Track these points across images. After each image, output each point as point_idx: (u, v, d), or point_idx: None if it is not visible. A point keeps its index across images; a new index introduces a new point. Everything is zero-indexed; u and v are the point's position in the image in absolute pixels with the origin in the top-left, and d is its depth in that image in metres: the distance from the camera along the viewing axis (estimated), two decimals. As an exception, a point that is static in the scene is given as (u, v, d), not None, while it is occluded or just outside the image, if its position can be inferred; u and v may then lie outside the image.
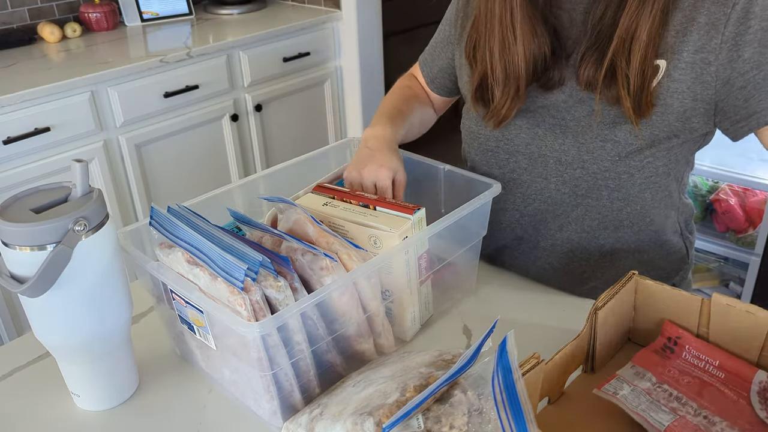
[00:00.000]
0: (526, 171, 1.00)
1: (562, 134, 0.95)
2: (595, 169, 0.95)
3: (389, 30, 2.92)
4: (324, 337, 0.78)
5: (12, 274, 0.72)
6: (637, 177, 0.94)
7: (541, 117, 0.96)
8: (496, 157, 1.02)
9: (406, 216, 0.85)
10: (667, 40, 0.86)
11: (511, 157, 1.01)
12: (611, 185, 0.95)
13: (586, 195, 0.97)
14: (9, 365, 0.91)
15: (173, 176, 2.30)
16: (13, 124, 1.88)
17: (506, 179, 1.02)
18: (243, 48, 2.34)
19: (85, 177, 0.74)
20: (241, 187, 1.00)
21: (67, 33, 2.37)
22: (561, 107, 0.94)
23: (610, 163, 0.94)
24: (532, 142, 0.98)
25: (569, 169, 0.96)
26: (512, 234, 1.06)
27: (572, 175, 0.97)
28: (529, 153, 0.99)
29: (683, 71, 0.86)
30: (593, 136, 0.93)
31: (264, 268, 0.73)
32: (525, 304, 1.00)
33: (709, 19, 0.84)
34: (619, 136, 0.92)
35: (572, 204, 0.99)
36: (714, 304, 0.78)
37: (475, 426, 0.59)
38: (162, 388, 0.87)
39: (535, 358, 0.67)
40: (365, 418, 0.61)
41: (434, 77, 1.16)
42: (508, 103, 0.95)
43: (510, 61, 0.92)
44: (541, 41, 0.91)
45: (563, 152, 0.96)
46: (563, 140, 0.95)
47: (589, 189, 0.97)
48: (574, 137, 0.94)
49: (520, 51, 0.91)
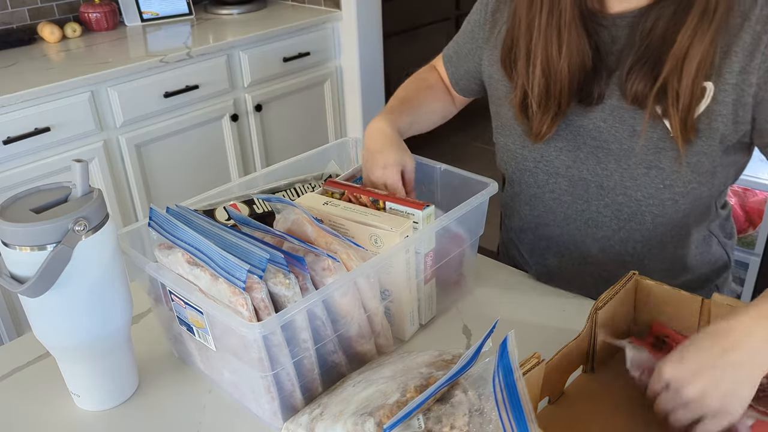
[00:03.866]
0: (566, 192, 0.98)
1: (605, 158, 0.93)
2: (639, 196, 0.92)
3: (389, 30, 2.92)
4: (330, 336, 0.78)
5: (12, 274, 0.72)
6: (682, 203, 0.92)
7: (582, 139, 0.94)
8: (535, 177, 1.00)
9: (412, 212, 0.85)
10: (715, 61, 0.83)
11: (550, 179, 0.99)
12: (655, 211, 0.93)
13: (629, 219, 0.95)
14: (9, 365, 0.91)
15: (173, 176, 2.30)
16: (13, 124, 1.87)
17: (546, 198, 1.01)
18: (243, 48, 2.34)
19: (85, 177, 0.74)
20: (241, 186, 1.00)
21: (67, 33, 2.37)
22: (601, 127, 0.92)
23: (654, 190, 0.91)
24: (573, 165, 0.96)
25: (611, 194, 0.94)
26: (555, 249, 1.05)
27: (614, 199, 0.94)
28: (570, 176, 0.97)
29: (727, 93, 0.84)
30: (637, 162, 0.90)
31: (275, 265, 0.73)
32: (525, 303, 1.00)
33: (753, 38, 0.82)
34: (663, 162, 0.89)
35: (614, 227, 0.97)
36: (714, 304, 0.78)
37: (476, 426, 0.59)
38: (162, 388, 0.87)
39: (536, 357, 0.67)
40: (366, 419, 0.61)
41: (459, 79, 1.14)
42: (549, 119, 0.92)
43: (554, 76, 0.90)
44: (585, 56, 0.88)
45: (605, 177, 0.94)
46: (606, 165, 0.93)
47: (632, 214, 0.94)
48: (617, 162, 0.92)
49: (565, 66, 0.88)
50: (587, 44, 0.88)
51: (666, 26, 0.84)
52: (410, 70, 1.24)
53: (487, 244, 1.14)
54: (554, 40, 0.88)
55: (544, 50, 0.89)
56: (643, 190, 0.92)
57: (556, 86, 0.90)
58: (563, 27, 0.87)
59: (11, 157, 1.90)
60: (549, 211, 1.02)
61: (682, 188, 0.90)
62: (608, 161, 0.93)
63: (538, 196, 1.01)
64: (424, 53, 3.53)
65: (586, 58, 0.89)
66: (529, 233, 1.08)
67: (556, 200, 1.00)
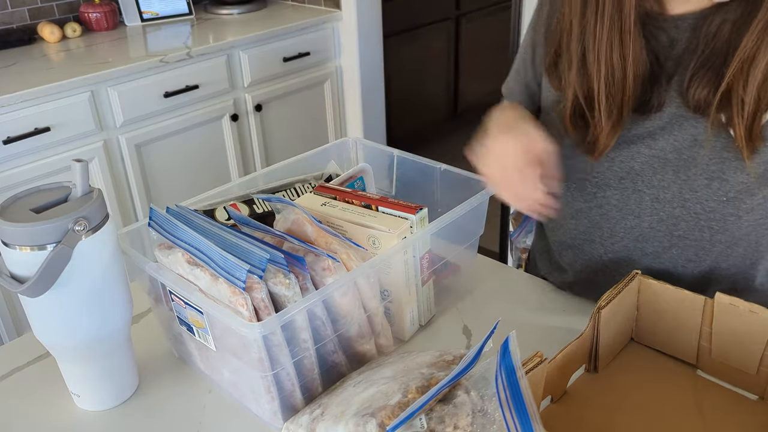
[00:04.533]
0: (615, 207, 0.91)
1: (661, 169, 0.86)
2: (698, 209, 0.86)
3: (389, 30, 2.92)
4: (330, 336, 0.78)
5: (12, 274, 0.72)
6: (745, 219, 0.86)
7: (637, 148, 0.87)
8: (582, 189, 0.94)
9: (405, 216, 0.85)
10: None
11: (599, 191, 0.92)
12: (715, 227, 0.87)
13: (684, 236, 0.88)
14: (9, 365, 0.91)
15: (173, 176, 2.30)
16: (13, 124, 1.87)
17: (592, 214, 0.94)
18: (243, 48, 2.33)
19: (85, 177, 0.73)
20: (241, 186, 1.00)
21: (67, 33, 2.37)
22: (659, 136, 0.85)
23: (715, 203, 0.85)
24: (627, 176, 0.89)
25: (667, 207, 0.88)
26: (596, 268, 0.98)
27: (670, 213, 0.88)
28: (622, 188, 0.90)
29: None
30: (698, 173, 0.84)
31: (275, 265, 0.73)
32: (525, 303, 0.99)
33: None
34: (727, 173, 0.83)
35: (666, 245, 0.90)
36: (717, 303, 0.77)
37: (480, 426, 0.58)
38: (162, 388, 0.87)
39: (538, 356, 0.67)
40: (368, 420, 0.61)
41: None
42: (608, 130, 0.85)
43: (616, 84, 0.83)
44: (641, 61, 0.82)
45: (662, 189, 0.87)
46: (662, 175, 0.86)
47: (688, 229, 0.88)
48: (675, 172, 0.85)
49: (630, 73, 0.82)
50: (647, 49, 0.83)
51: (731, 30, 0.79)
52: (410, 70, 1.23)
53: (487, 244, 1.14)
54: (616, 47, 0.82)
55: (606, 58, 0.83)
56: (704, 203, 0.85)
57: (617, 96, 0.84)
58: (625, 32, 0.81)
59: (11, 157, 1.90)
60: (595, 226, 0.95)
61: (748, 204, 0.85)
62: (665, 172, 0.86)
63: (583, 210, 0.94)
64: (424, 53, 3.56)
65: (647, 64, 0.83)
66: (569, 252, 1.01)
67: (603, 215, 0.93)
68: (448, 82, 3.70)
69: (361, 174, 1.02)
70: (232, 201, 0.96)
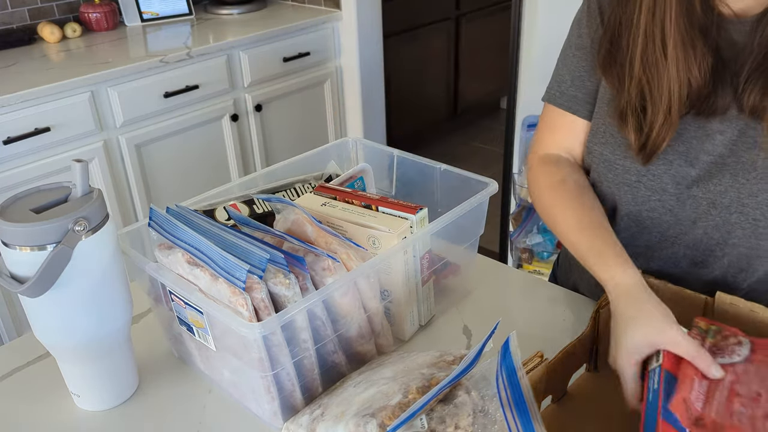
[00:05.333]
0: (669, 212, 0.88)
1: (719, 173, 0.83)
2: (757, 215, 0.83)
3: (389, 30, 2.92)
4: (330, 336, 0.78)
5: (12, 274, 0.71)
6: None
7: (695, 153, 0.84)
8: (635, 192, 0.89)
9: (405, 216, 0.85)
10: None
11: (653, 195, 0.88)
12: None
13: (739, 244, 0.85)
14: (9, 365, 0.91)
15: (173, 176, 2.30)
16: (13, 124, 1.87)
17: (643, 218, 0.90)
18: (243, 48, 2.33)
19: (85, 177, 0.73)
20: (241, 186, 1.00)
21: (67, 33, 2.37)
22: (717, 140, 0.83)
23: None
24: (683, 181, 0.85)
25: (724, 213, 0.84)
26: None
27: (726, 219, 0.84)
28: (678, 193, 0.86)
29: None
30: (757, 177, 0.81)
31: (275, 265, 0.73)
32: (526, 303, 0.99)
33: None
34: None
35: (719, 253, 0.87)
36: (718, 303, 0.77)
37: (481, 426, 0.58)
38: (162, 388, 0.87)
39: (539, 356, 0.67)
40: (368, 420, 0.61)
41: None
42: (655, 131, 0.83)
43: (659, 84, 0.81)
44: (701, 62, 0.79)
45: (719, 194, 0.84)
46: (720, 180, 0.83)
47: (745, 237, 0.84)
48: (733, 177, 0.83)
49: (673, 73, 0.80)
50: (704, 48, 0.80)
51: None
52: (410, 70, 1.23)
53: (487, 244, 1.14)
54: (657, 44, 0.80)
55: (650, 55, 0.81)
56: (763, 208, 0.82)
57: (662, 96, 0.82)
58: (693, 31, 0.79)
59: (11, 157, 1.90)
60: (645, 231, 0.91)
61: None
62: (723, 176, 0.83)
63: (633, 214, 0.91)
64: (424, 53, 3.55)
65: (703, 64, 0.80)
66: None
67: (655, 220, 0.89)
68: (448, 82, 3.70)
69: (361, 174, 1.02)
70: (232, 201, 0.96)
